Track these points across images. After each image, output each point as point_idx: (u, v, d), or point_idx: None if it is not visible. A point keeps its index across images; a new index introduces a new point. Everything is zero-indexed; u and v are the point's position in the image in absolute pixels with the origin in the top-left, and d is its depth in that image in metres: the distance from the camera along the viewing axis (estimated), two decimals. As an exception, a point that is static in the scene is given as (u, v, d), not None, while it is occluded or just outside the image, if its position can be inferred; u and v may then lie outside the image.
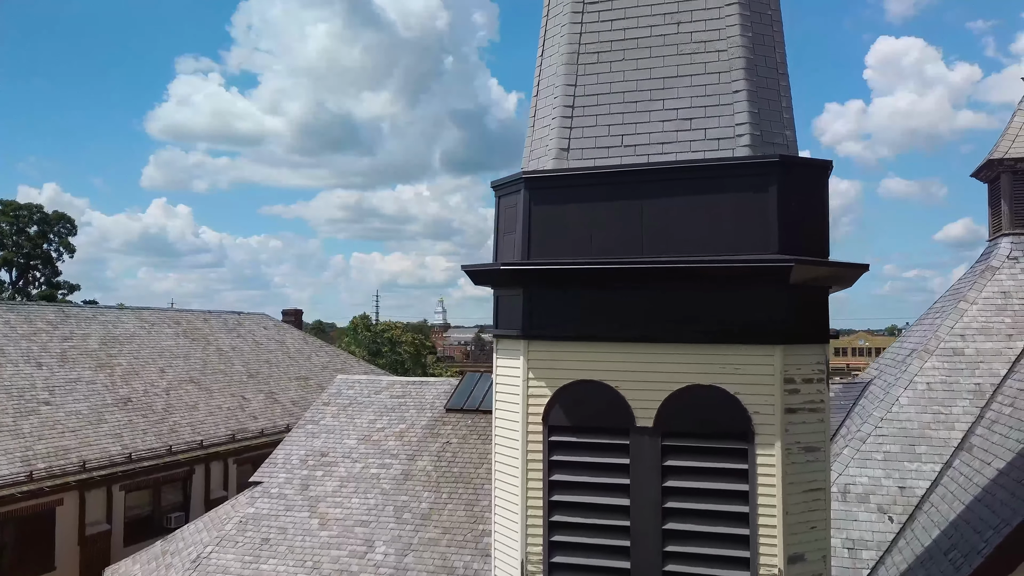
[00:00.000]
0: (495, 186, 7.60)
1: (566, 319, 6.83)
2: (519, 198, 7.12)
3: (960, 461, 10.85)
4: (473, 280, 7.47)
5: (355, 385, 17.89)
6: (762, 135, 6.74)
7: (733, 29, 6.89)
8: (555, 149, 7.22)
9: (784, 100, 6.98)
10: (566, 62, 7.33)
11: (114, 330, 24.78)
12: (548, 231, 6.96)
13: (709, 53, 6.93)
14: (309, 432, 16.41)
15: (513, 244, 7.19)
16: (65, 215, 52.08)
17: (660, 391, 6.56)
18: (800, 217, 6.45)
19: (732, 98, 6.79)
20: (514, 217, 7.22)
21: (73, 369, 21.21)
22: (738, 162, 6.50)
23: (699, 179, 6.58)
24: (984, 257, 14.27)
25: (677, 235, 6.59)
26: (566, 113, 7.24)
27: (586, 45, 7.30)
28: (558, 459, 6.79)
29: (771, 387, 6.31)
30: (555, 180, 6.98)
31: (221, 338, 29.11)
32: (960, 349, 12.46)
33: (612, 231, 6.77)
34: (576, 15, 7.37)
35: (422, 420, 16.06)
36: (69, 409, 19.34)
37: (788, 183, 6.40)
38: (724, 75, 6.85)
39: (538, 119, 7.65)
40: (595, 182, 6.86)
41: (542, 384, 6.88)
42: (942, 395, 11.97)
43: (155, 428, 20.71)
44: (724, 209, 6.49)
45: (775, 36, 7.07)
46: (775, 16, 7.12)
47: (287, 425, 25.30)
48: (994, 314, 12.79)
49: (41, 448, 17.32)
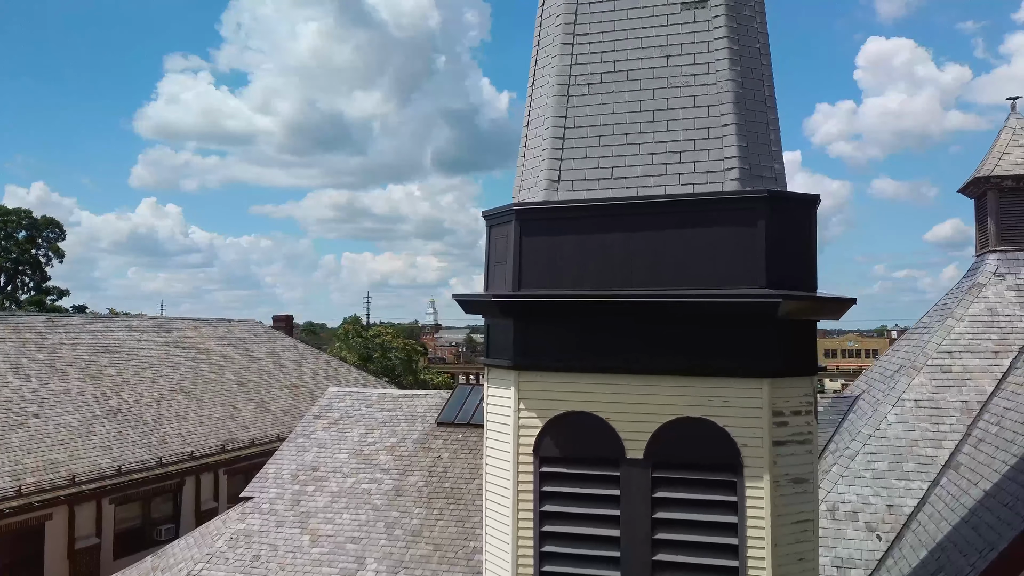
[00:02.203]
0: (486, 216, 7.64)
1: (557, 350, 6.88)
2: (510, 229, 7.17)
3: (947, 480, 10.96)
4: (464, 309, 7.51)
5: (346, 398, 17.89)
6: (751, 168, 6.81)
7: (722, 63, 6.96)
8: (545, 180, 7.26)
9: (772, 133, 7.05)
10: (556, 93, 7.38)
11: (104, 339, 24.69)
12: (539, 262, 7.01)
13: (699, 87, 6.99)
14: (300, 446, 16.41)
15: (504, 274, 7.24)
16: (54, 220, 51.88)
17: (650, 423, 6.61)
18: (788, 251, 6.52)
19: (721, 132, 6.86)
20: (505, 248, 7.27)
21: (62, 380, 21.13)
22: (727, 197, 6.56)
23: (688, 213, 6.64)
24: (971, 273, 14.40)
25: (666, 268, 6.65)
26: (556, 145, 7.29)
27: (576, 77, 7.36)
28: (549, 490, 6.83)
29: (759, 420, 6.38)
30: (546, 212, 7.03)
31: (211, 346, 29.05)
32: (947, 366, 12.57)
33: (602, 263, 6.82)
34: (567, 47, 7.42)
35: (413, 434, 16.08)
36: (58, 421, 19.27)
37: (776, 218, 6.46)
38: (713, 108, 6.92)
39: (529, 149, 7.70)
40: (585, 215, 6.91)
41: (533, 415, 6.92)
42: (929, 412, 12.08)
43: (145, 440, 20.65)
44: (713, 243, 6.55)
45: (763, 70, 7.15)
46: (763, 50, 7.19)
47: (278, 434, 25.28)
48: (981, 331, 12.91)
49: (30, 462, 17.25)
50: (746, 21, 7.13)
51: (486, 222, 7.69)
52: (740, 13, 7.10)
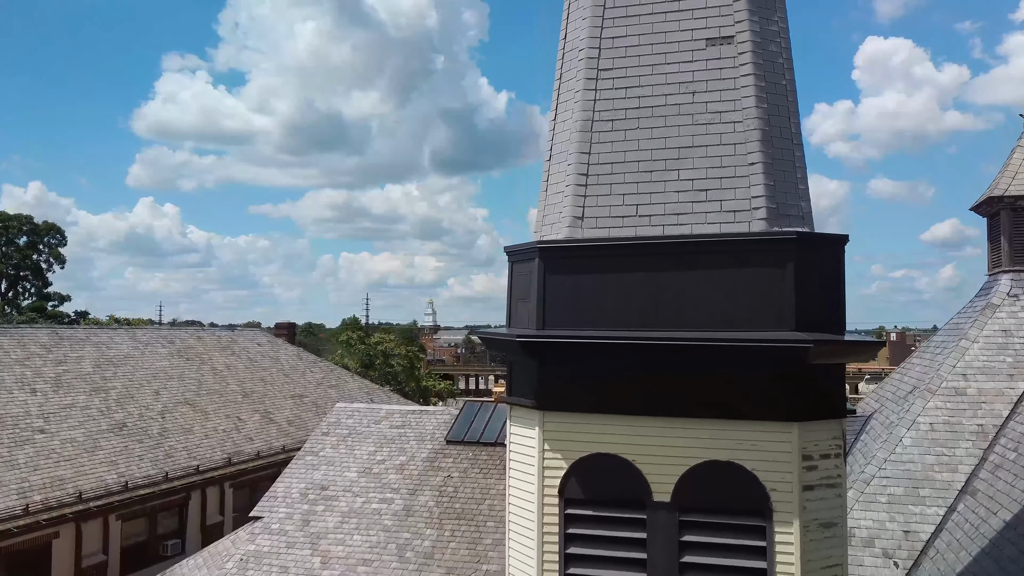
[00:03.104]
0: (509, 252, 7.57)
1: (582, 391, 6.81)
2: (533, 267, 7.09)
3: (964, 506, 10.90)
4: (486, 347, 7.45)
5: (354, 414, 17.81)
6: (778, 208, 6.75)
7: (749, 100, 6.89)
8: (569, 217, 7.19)
9: (799, 171, 6.99)
10: (580, 129, 7.31)
11: (108, 351, 24.60)
12: (563, 301, 6.94)
13: (725, 124, 6.93)
14: (309, 464, 16.32)
15: (528, 312, 7.16)
16: (55, 225, 51.72)
17: (678, 466, 6.55)
18: (817, 292, 6.45)
19: (748, 170, 6.79)
20: (528, 285, 7.19)
21: (68, 394, 21.04)
22: (755, 238, 6.49)
23: (716, 253, 6.57)
24: (984, 293, 14.34)
25: (694, 308, 6.58)
26: (580, 181, 7.22)
27: (600, 113, 7.29)
28: (574, 532, 6.76)
29: (789, 464, 6.31)
30: (570, 251, 6.96)
31: (215, 357, 28.95)
32: (962, 389, 12.51)
33: (628, 302, 6.75)
34: (590, 82, 7.35)
35: (423, 452, 16.00)
36: (64, 437, 19.18)
37: (805, 259, 6.40)
38: (740, 147, 6.85)
39: (551, 184, 7.63)
40: (611, 253, 6.84)
41: (558, 456, 6.86)
42: (945, 436, 12.02)
43: (151, 454, 20.56)
44: (741, 284, 6.48)
45: (790, 106, 7.08)
46: (790, 86, 7.12)
47: (283, 446, 25.21)
48: (995, 353, 12.85)
49: (37, 479, 17.17)
50: (772, 57, 7.06)
51: (508, 257, 7.62)
52: (766, 49, 7.04)
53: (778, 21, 7.18)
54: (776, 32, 7.14)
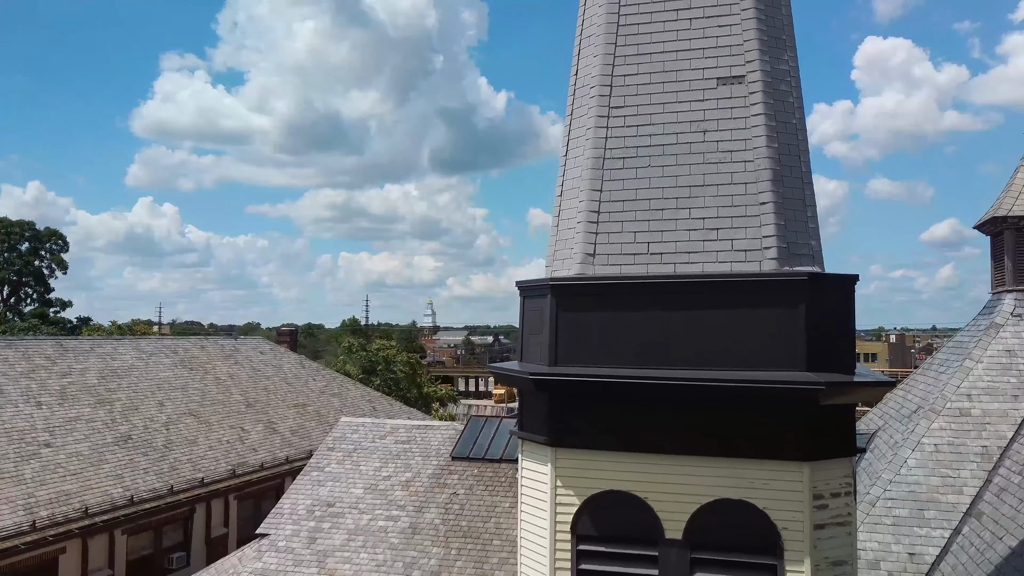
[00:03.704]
0: (520, 287, 7.64)
1: (595, 428, 6.87)
2: (545, 303, 7.16)
3: (969, 529, 10.96)
4: (498, 380, 7.51)
5: (359, 428, 17.86)
6: (788, 247, 6.82)
7: (759, 140, 6.96)
8: (581, 254, 7.26)
9: (810, 209, 7.06)
10: (591, 166, 7.38)
11: (112, 362, 24.65)
12: (575, 338, 7.00)
13: (736, 163, 7.00)
14: (314, 480, 16.37)
15: (540, 347, 7.23)
16: (57, 231, 51.82)
17: (689, 504, 6.61)
18: (828, 332, 6.52)
19: (759, 209, 6.86)
20: (540, 320, 7.26)
21: (73, 407, 21.09)
22: (767, 279, 6.56)
23: (727, 293, 6.64)
24: (987, 311, 14.40)
25: (706, 347, 6.64)
26: (591, 218, 7.29)
27: (611, 150, 7.36)
28: (586, 568, 6.83)
29: (800, 503, 6.38)
30: (582, 288, 7.03)
31: (219, 366, 29.00)
32: (967, 410, 12.58)
33: (640, 340, 6.81)
34: (602, 119, 7.42)
35: (428, 468, 16.05)
36: (70, 450, 19.22)
37: (816, 299, 6.47)
38: (751, 186, 6.92)
39: (562, 219, 7.69)
40: (623, 291, 6.90)
41: (570, 492, 6.92)
42: (950, 458, 12.08)
43: (156, 467, 20.61)
44: (752, 323, 6.55)
45: (800, 144, 7.15)
46: (800, 124, 7.19)
47: (286, 456, 25.26)
48: (999, 373, 12.91)
49: (43, 495, 17.21)
50: (782, 96, 7.14)
51: (520, 292, 7.69)
52: (777, 88, 7.11)
53: (788, 60, 7.25)
54: (786, 71, 7.21)
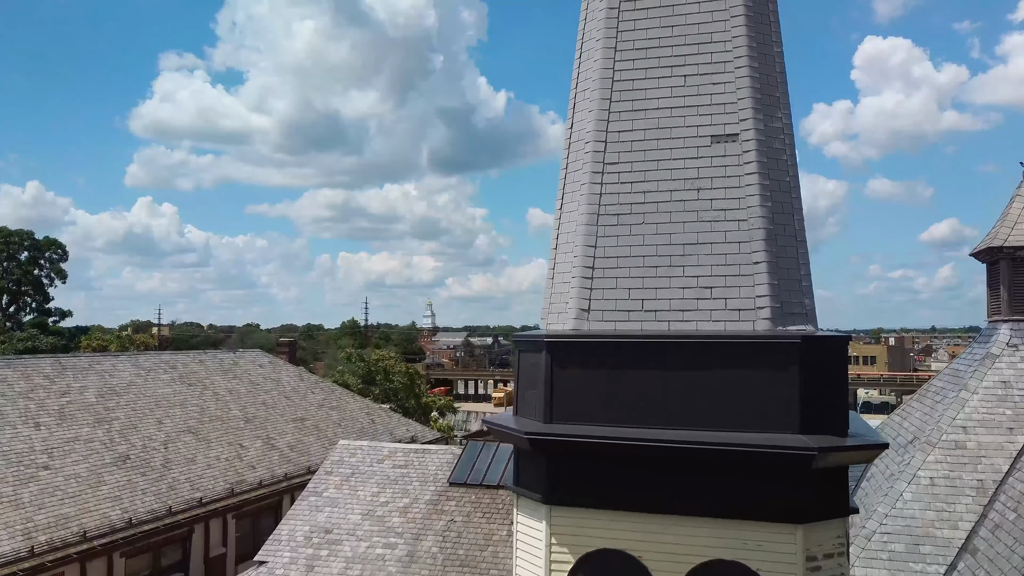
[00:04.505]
0: (516, 341, 7.68)
1: (590, 487, 6.91)
2: (541, 359, 7.20)
3: (964, 565, 10.99)
4: (494, 436, 7.55)
5: (357, 452, 17.89)
6: (782, 307, 6.86)
7: (753, 199, 7.00)
8: (575, 309, 7.30)
9: (803, 268, 7.10)
10: (586, 222, 7.42)
11: (111, 380, 24.66)
12: (570, 395, 7.04)
13: (729, 222, 7.04)
14: (312, 505, 16.40)
15: (536, 403, 7.26)
16: (56, 241, 51.86)
17: (684, 564, 6.65)
18: (821, 393, 6.56)
19: (752, 269, 6.90)
20: (535, 375, 7.29)
21: (71, 427, 21.09)
22: (760, 340, 6.60)
23: (721, 353, 6.67)
24: (983, 340, 14.45)
25: (700, 407, 6.68)
26: (586, 274, 7.33)
27: (606, 207, 7.40)
28: (581, 626, 6.86)
29: (793, 565, 6.41)
30: (577, 346, 7.07)
31: (217, 381, 29.01)
32: (962, 442, 12.62)
33: (635, 398, 6.85)
34: (596, 175, 7.46)
35: (425, 494, 16.08)
36: (68, 472, 19.23)
37: (809, 362, 6.51)
38: (744, 245, 6.96)
39: (557, 272, 7.73)
40: (617, 349, 6.94)
41: (565, 551, 6.95)
42: (945, 491, 12.12)
43: (154, 487, 20.61)
44: (746, 384, 6.59)
45: (794, 203, 7.19)
46: (794, 183, 7.23)
47: (285, 473, 25.26)
48: (995, 405, 12.95)
49: (42, 519, 17.22)
50: (776, 154, 7.18)
51: (515, 346, 7.73)
52: (770, 147, 7.15)
53: (782, 118, 7.29)
54: (780, 129, 7.26)
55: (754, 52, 7.24)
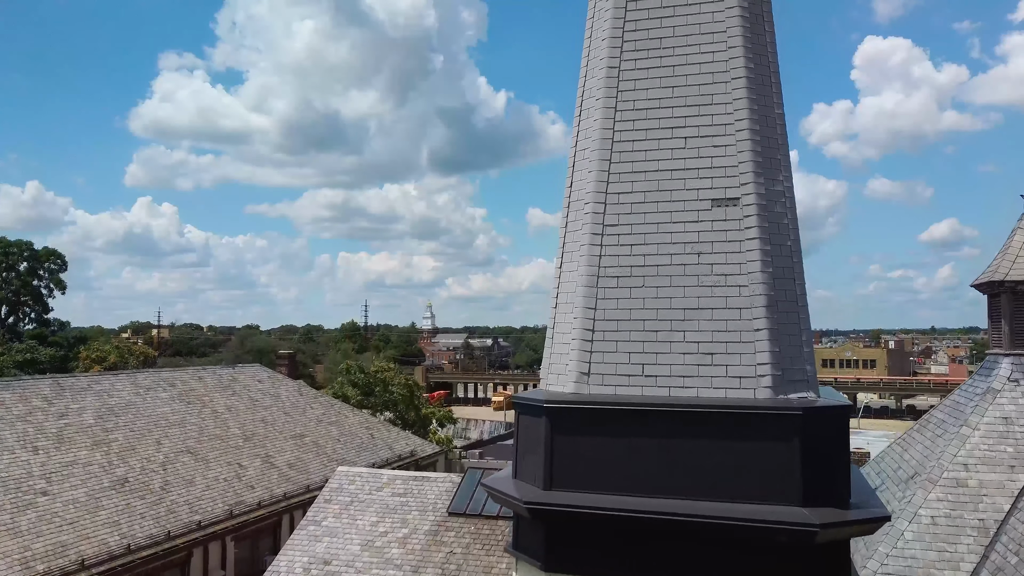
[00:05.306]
0: (516, 404, 7.62)
1: (590, 555, 6.84)
2: (540, 423, 7.14)
3: (966, 609, 10.95)
4: (493, 499, 7.49)
5: (356, 479, 17.86)
6: (783, 374, 6.81)
7: (754, 264, 6.95)
8: (575, 373, 7.25)
9: (804, 333, 7.05)
10: (585, 283, 7.37)
11: (109, 400, 24.63)
12: (570, 461, 6.98)
13: (730, 287, 6.98)
14: (311, 535, 16.36)
15: (535, 468, 7.20)
16: (55, 251, 51.71)
17: (684, 635, 6.59)
18: (823, 464, 6.50)
19: (753, 336, 6.85)
20: (535, 440, 7.23)
21: (70, 450, 21.06)
22: (760, 411, 6.55)
23: (721, 423, 6.62)
24: (985, 372, 14.41)
25: (700, 476, 6.62)
26: (586, 336, 7.27)
27: (606, 268, 7.34)
28: None
29: (795, 639, 6.35)
30: (577, 413, 7.00)
31: (216, 398, 28.99)
32: (963, 480, 12.57)
33: (636, 466, 6.79)
34: (595, 236, 7.41)
35: (425, 524, 16.04)
36: (67, 498, 19.19)
37: (811, 433, 6.45)
38: (745, 311, 6.91)
39: (557, 332, 7.68)
40: (616, 417, 6.89)
41: (565, 618, 6.89)
42: (947, 531, 12.07)
43: (152, 511, 20.58)
44: (747, 454, 6.53)
45: (795, 267, 7.14)
46: (795, 247, 7.19)
47: (284, 493, 25.23)
48: (996, 442, 12.91)
49: (40, 547, 17.18)
50: (777, 218, 7.13)
51: (515, 408, 7.67)
52: (772, 211, 7.10)
53: (783, 180, 7.24)
54: (781, 192, 7.21)
55: (755, 115, 7.19)
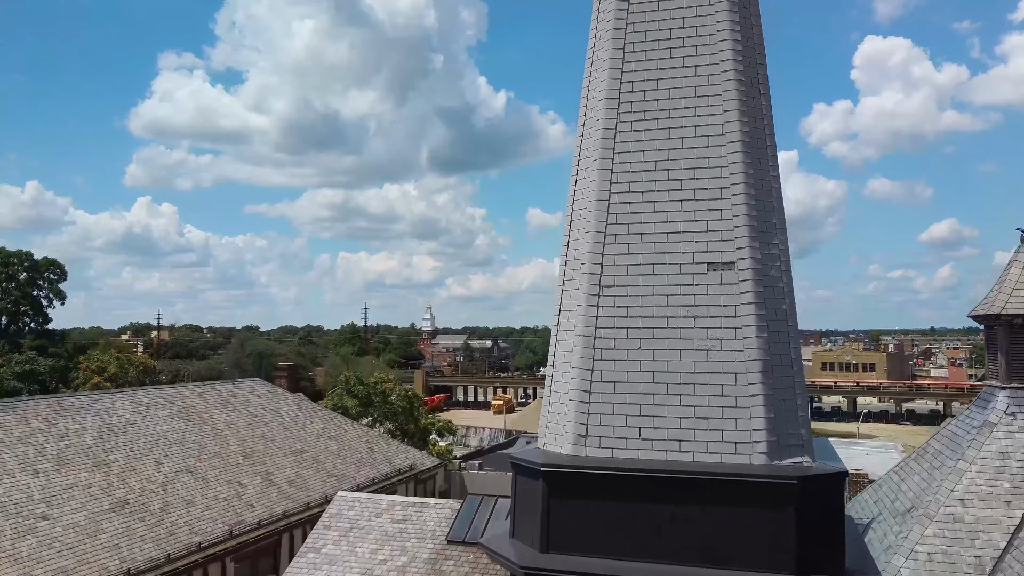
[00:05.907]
0: (513, 463, 7.68)
1: (586, 619, 6.91)
2: (538, 485, 7.20)
3: (963, 649, 10.99)
4: (491, 559, 7.55)
5: (355, 505, 17.90)
6: (778, 439, 6.87)
7: (750, 329, 7.01)
8: (572, 434, 7.31)
9: (799, 398, 7.11)
10: (582, 344, 7.43)
11: (109, 419, 24.63)
12: (566, 524, 7.04)
13: (726, 352, 7.04)
14: (311, 562, 16.40)
15: (532, 528, 7.26)
16: (55, 261, 51.85)
17: None
18: (817, 531, 6.57)
19: (749, 401, 6.91)
20: (532, 500, 7.30)
21: (70, 472, 21.07)
22: (756, 480, 6.61)
23: (717, 490, 6.68)
24: (982, 404, 14.45)
25: (695, 542, 6.69)
26: (583, 398, 7.34)
27: (602, 330, 7.40)
28: None
29: None
30: (574, 477, 7.07)
31: (216, 415, 29.00)
32: (960, 516, 12.62)
33: (631, 530, 6.86)
34: (592, 297, 7.47)
35: (423, 552, 16.07)
36: (67, 521, 19.20)
37: (806, 501, 6.52)
38: (741, 376, 6.97)
39: (555, 391, 7.74)
40: (613, 482, 6.95)
41: None
42: (943, 567, 12.12)
43: (152, 533, 20.58)
44: (741, 521, 6.60)
45: (790, 331, 7.20)
46: (790, 310, 7.25)
47: (284, 511, 25.23)
48: (992, 477, 12.96)
49: (40, 573, 17.16)
50: (772, 282, 7.19)
51: (513, 468, 7.73)
52: (767, 275, 7.16)
53: (778, 244, 7.30)
54: (776, 256, 7.27)
55: (751, 179, 7.25)
